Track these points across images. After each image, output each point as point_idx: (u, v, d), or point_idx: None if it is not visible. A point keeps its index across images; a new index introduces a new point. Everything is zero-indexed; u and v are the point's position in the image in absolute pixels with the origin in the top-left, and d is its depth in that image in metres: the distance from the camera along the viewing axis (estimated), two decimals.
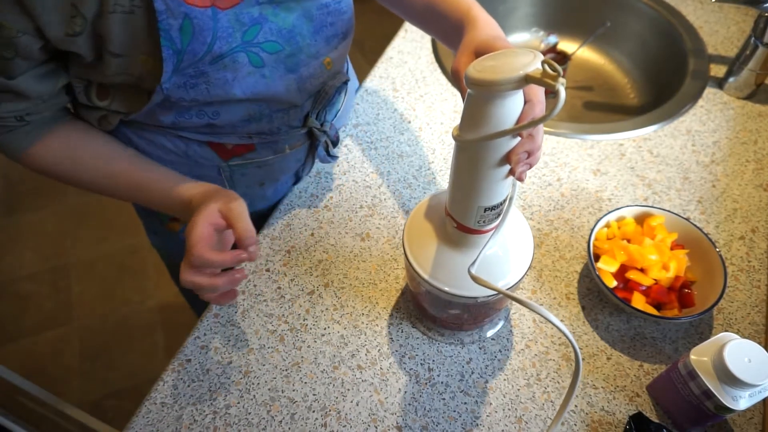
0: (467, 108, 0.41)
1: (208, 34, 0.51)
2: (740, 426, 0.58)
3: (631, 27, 1.07)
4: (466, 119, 0.42)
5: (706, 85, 0.92)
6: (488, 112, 0.39)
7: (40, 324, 1.68)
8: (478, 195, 0.46)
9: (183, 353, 0.63)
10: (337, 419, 0.58)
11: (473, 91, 0.40)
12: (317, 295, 0.68)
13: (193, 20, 0.49)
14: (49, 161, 0.60)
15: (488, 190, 0.45)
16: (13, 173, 2.07)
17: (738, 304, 0.67)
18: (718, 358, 0.51)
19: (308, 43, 0.59)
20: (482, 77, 0.37)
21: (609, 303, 0.67)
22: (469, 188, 0.45)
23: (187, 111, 0.58)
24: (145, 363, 1.59)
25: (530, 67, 0.36)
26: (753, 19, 0.97)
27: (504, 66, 0.37)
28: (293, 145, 0.70)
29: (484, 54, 0.47)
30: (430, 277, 0.52)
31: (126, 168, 0.62)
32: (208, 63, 0.53)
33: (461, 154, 0.44)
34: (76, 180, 0.62)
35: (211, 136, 0.63)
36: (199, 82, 0.54)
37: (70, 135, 0.60)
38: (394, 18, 0.83)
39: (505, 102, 0.39)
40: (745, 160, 0.82)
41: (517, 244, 0.54)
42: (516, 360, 0.63)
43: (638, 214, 0.69)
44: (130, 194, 0.63)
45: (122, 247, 1.86)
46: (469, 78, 0.38)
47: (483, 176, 0.44)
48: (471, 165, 0.44)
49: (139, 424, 0.58)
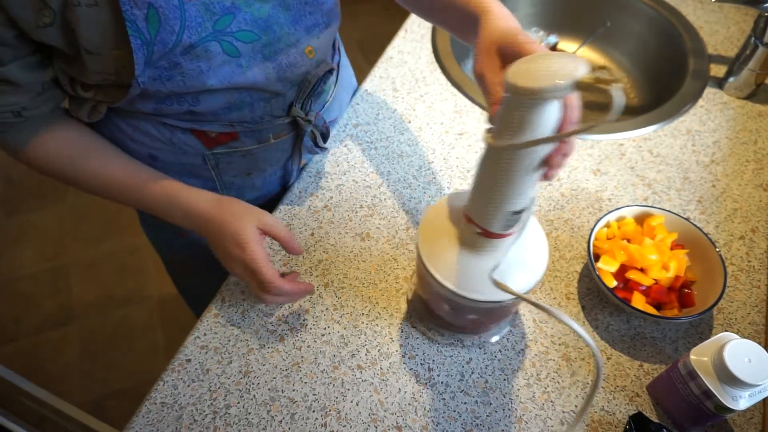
0: (507, 114, 0.40)
1: (175, 23, 0.50)
2: (740, 426, 0.58)
3: (631, 27, 1.07)
4: (507, 125, 0.40)
5: (706, 85, 0.92)
6: (532, 118, 0.38)
7: (40, 324, 1.68)
8: (509, 199, 0.44)
9: (183, 353, 0.63)
10: (337, 419, 0.58)
11: (516, 99, 0.38)
12: (317, 295, 0.68)
13: (158, 9, 0.49)
14: (47, 160, 0.60)
15: (520, 194, 0.44)
16: (14, 173, 2.07)
17: (738, 304, 0.67)
18: (718, 358, 0.51)
19: (287, 32, 0.59)
20: (531, 86, 0.36)
21: (609, 303, 0.67)
22: (502, 193, 0.44)
23: (168, 98, 0.58)
24: (145, 363, 1.59)
25: (579, 72, 0.35)
26: (753, 19, 0.97)
27: (549, 71, 0.36)
28: (278, 134, 0.70)
29: (506, 51, 0.46)
30: (457, 287, 0.51)
31: (125, 173, 0.62)
32: (179, 54, 0.52)
33: (494, 160, 0.43)
34: (74, 180, 0.63)
35: (193, 123, 0.63)
36: (174, 74, 0.54)
37: (68, 135, 0.61)
38: (394, 18, 0.83)
39: (548, 107, 0.38)
40: (745, 160, 0.82)
41: (533, 245, 0.53)
42: (516, 360, 0.63)
43: (638, 214, 0.69)
44: (129, 199, 0.64)
45: (122, 247, 1.86)
46: (516, 86, 0.37)
47: (517, 181, 0.43)
48: (505, 170, 0.43)
49: (139, 424, 0.58)
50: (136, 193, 0.63)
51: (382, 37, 1.33)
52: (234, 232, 0.58)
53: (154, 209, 0.64)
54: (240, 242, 0.58)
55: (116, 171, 0.62)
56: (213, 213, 0.60)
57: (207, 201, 0.61)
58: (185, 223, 0.63)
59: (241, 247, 0.58)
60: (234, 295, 0.68)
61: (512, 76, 0.38)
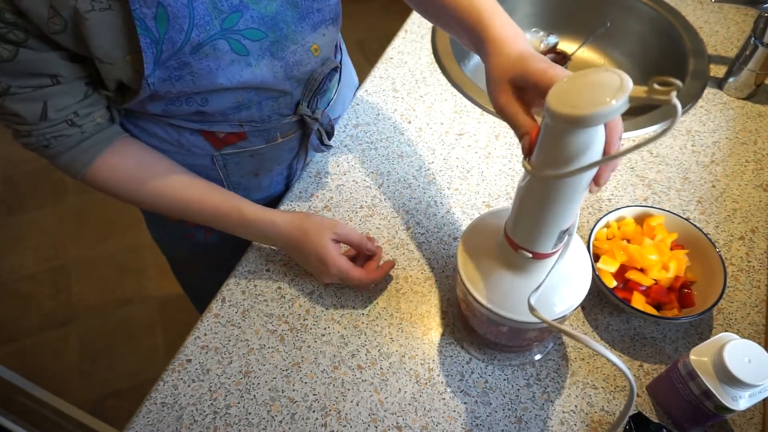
0: (551, 142, 0.37)
1: (184, 21, 0.51)
2: (740, 426, 0.58)
3: (631, 27, 1.07)
4: (551, 153, 0.38)
5: (706, 85, 0.92)
6: (581, 143, 0.36)
7: (40, 324, 1.68)
8: (558, 221, 0.43)
9: (183, 353, 0.63)
10: (337, 419, 0.58)
11: (563, 127, 0.36)
12: (317, 295, 0.68)
13: (167, 8, 0.49)
14: (112, 179, 0.61)
15: (569, 213, 0.43)
16: (14, 173, 2.06)
17: (738, 304, 0.67)
18: (718, 358, 0.51)
19: (293, 30, 0.59)
20: (583, 113, 0.33)
21: (609, 303, 0.67)
22: (551, 216, 0.43)
23: (177, 99, 0.58)
24: (145, 363, 1.59)
25: (628, 87, 0.32)
26: (753, 19, 0.97)
27: (593, 92, 0.34)
28: (285, 133, 0.70)
29: (521, 83, 0.44)
30: (509, 312, 0.50)
31: (198, 194, 0.64)
32: (189, 53, 0.53)
33: (539, 186, 0.41)
34: (140, 202, 0.64)
35: (201, 124, 0.64)
36: (184, 73, 0.54)
37: (132, 154, 0.62)
38: (394, 18, 0.83)
39: (598, 130, 0.36)
40: (745, 160, 0.82)
41: (577, 261, 0.52)
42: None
43: (638, 215, 0.69)
44: (201, 221, 0.66)
45: (122, 246, 1.86)
46: (564, 115, 0.34)
47: (567, 204, 0.42)
48: (554, 197, 0.41)
49: (139, 424, 0.58)
50: (209, 216, 0.65)
51: (382, 37, 1.33)
52: (315, 252, 0.63)
53: (228, 229, 0.66)
54: (323, 260, 0.63)
55: (185, 193, 0.64)
56: (291, 235, 0.64)
57: (284, 223, 0.64)
58: (263, 242, 0.70)
59: (325, 264, 0.63)
60: (234, 295, 0.68)
61: (556, 105, 0.35)
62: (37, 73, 0.52)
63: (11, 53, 0.49)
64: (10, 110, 0.54)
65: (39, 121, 0.55)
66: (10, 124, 0.56)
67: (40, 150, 0.58)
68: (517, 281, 0.50)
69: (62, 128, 0.56)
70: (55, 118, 0.55)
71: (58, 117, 0.55)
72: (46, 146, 0.57)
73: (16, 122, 0.55)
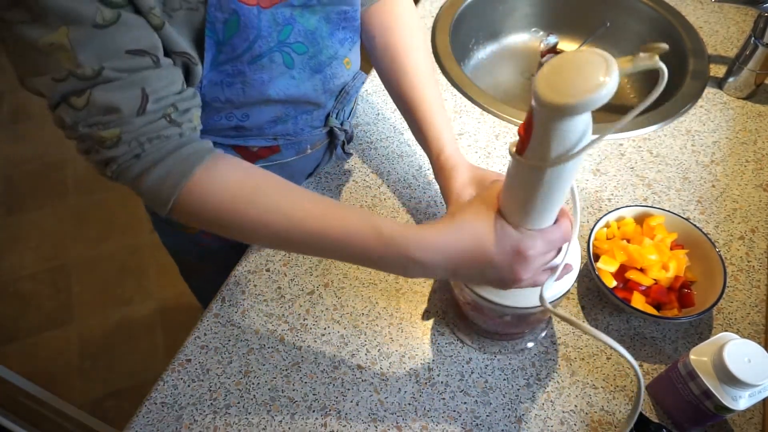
0: (555, 133, 0.37)
1: (251, 32, 0.51)
2: (740, 426, 0.58)
3: (631, 27, 1.07)
4: (558, 143, 0.37)
5: (705, 85, 0.92)
6: (574, 128, 0.36)
7: (40, 324, 1.68)
8: (553, 204, 0.45)
9: (183, 353, 0.63)
10: (337, 419, 0.58)
11: (555, 115, 0.35)
12: (317, 295, 0.68)
13: (240, 17, 0.50)
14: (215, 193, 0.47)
15: (561, 197, 0.44)
16: (14, 173, 2.06)
17: (738, 304, 0.67)
18: (717, 358, 0.51)
19: (327, 44, 0.61)
20: (584, 98, 0.33)
21: (609, 303, 0.67)
22: (557, 198, 0.44)
23: (217, 113, 0.59)
24: (145, 363, 1.59)
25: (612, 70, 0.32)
26: (753, 19, 0.97)
27: (583, 75, 0.33)
28: (314, 144, 0.72)
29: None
30: (501, 299, 0.51)
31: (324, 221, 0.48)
32: (246, 62, 0.53)
33: (531, 174, 0.41)
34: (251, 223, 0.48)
35: (237, 139, 0.64)
36: (236, 81, 0.55)
37: (236, 165, 0.50)
38: None
39: (589, 113, 0.36)
40: (745, 160, 0.82)
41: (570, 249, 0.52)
42: (516, 360, 0.63)
43: (638, 214, 0.69)
44: (336, 255, 0.51)
45: (122, 247, 1.86)
46: (566, 106, 0.34)
47: (569, 181, 0.42)
48: (561, 179, 0.41)
49: (139, 424, 0.58)
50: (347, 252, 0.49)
51: None
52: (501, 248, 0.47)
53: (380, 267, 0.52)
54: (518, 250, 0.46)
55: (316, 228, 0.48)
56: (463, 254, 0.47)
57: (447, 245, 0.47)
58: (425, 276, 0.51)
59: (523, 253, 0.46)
60: (234, 295, 0.68)
61: (548, 93, 0.34)
62: (136, 49, 0.43)
63: (114, 15, 0.40)
64: (103, 104, 0.42)
65: (135, 115, 0.44)
66: (94, 131, 0.43)
67: (127, 164, 0.45)
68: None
69: (161, 126, 0.45)
70: (154, 110, 0.45)
71: (157, 109, 0.45)
72: (138, 156, 0.45)
73: (105, 124, 0.43)
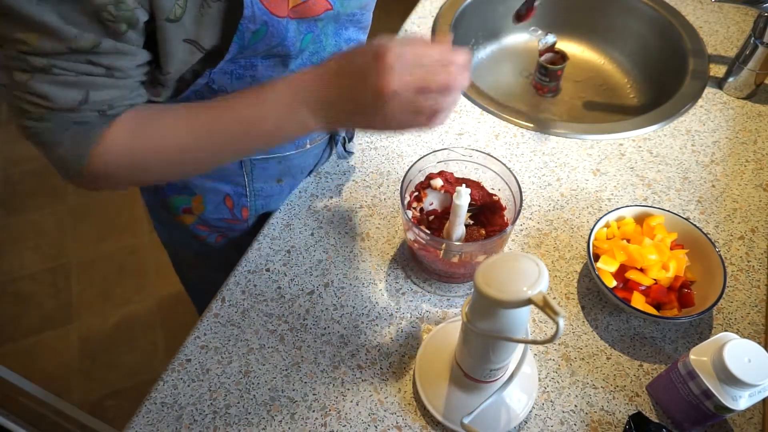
0: (478, 304, 0.46)
1: (274, 40, 0.53)
2: (740, 426, 0.58)
3: (631, 27, 1.07)
4: (477, 313, 0.46)
5: (705, 85, 0.92)
6: (499, 314, 0.45)
7: (40, 324, 1.68)
8: (488, 360, 0.51)
9: (183, 353, 0.63)
10: (337, 419, 0.58)
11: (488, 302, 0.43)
12: (317, 295, 0.68)
13: (269, 27, 0.51)
14: (122, 150, 0.49)
15: (499, 357, 0.50)
16: (14, 173, 2.06)
17: (737, 304, 0.67)
18: (717, 358, 0.51)
19: (331, 42, 0.62)
20: (503, 298, 0.41)
21: (609, 303, 0.67)
22: (480, 355, 0.51)
23: None
24: (145, 363, 1.59)
25: (533, 291, 0.40)
26: (753, 19, 0.97)
27: (510, 282, 0.42)
28: (314, 140, 0.72)
29: None
30: (443, 417, 0.57)
31: (214, 113, 0.50)
32: (261, 58, 0.55)
33: (471, 333, 0.48)
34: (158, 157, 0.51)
35: None
36: (246, 74, 0.56)
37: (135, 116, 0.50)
38: (394, 18, 0.83)
39: (522, 309, 0.44)
40: (745, 160, 0.82)
41: (521, 387, 0.59)
42: None
43: (638, 214, 0.69)
44: (235, 139, 0.51)
45: (122, 247, 1.86)
46: (488, 297, 0.42)
47: (493, 349, 0.49)
48: (482, 343, 0.49)
49: (139, 424, 0.58)
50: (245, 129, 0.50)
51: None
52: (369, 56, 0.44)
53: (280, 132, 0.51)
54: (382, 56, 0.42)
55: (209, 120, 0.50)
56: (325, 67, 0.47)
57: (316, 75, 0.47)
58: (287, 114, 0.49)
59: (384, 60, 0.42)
60: (234, 295, 0.68)
61: (484, 286, 0.42)
62: (98, 63, 0.44)
63: (93, 44, 0.43)
64: (36, 91, 0.44)
65: (67, 111, 0.46)
66: (23, 104, 0.45)
67: (42, 135, 0.47)
68: (455, 392, 0.58)
69: (90, 116, 0.47)
70: (90, 109, 0.47)
71: (92, 108, 0.47)
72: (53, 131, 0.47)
73: (35, 104, 0.45)
